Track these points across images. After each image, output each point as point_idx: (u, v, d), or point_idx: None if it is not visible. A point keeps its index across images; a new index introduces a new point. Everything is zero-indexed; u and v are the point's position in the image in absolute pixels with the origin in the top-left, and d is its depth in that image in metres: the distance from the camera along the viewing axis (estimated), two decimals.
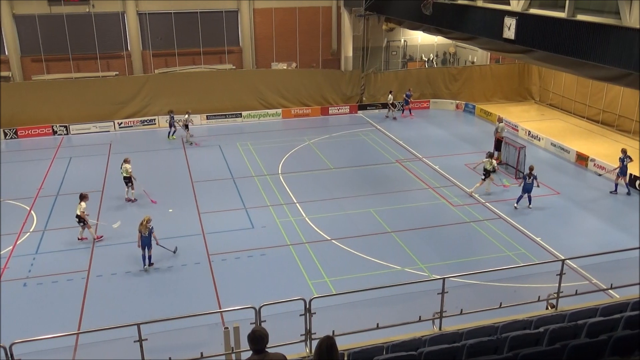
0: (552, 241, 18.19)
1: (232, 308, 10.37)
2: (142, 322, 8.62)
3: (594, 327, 8.18)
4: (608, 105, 29.54)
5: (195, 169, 25.12)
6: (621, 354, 7.00)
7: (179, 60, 34.80)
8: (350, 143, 29.20)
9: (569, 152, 26.16)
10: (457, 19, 21.16)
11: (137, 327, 8.51)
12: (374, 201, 21.57)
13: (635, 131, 27.75)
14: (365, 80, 34.64)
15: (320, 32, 37.00)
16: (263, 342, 5.89)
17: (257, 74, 34.07)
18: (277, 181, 23.63)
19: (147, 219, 16.68)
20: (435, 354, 7.67)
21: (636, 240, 17.32)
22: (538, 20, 16.74)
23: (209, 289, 15.85)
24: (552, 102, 33.93)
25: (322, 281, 16.12)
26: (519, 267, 15.34)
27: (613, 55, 14.05)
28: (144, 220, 16.60)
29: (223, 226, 19.53)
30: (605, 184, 23.23)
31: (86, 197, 18.30)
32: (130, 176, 21.52)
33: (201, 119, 32.19)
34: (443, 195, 22.12)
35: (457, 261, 16.97)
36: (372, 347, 8.72)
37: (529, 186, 20.53)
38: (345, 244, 18.24)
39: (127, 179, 21.58)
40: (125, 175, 21.49)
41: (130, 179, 21.57)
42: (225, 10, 35.34)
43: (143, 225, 16.50)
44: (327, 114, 34.21)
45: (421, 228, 19.42)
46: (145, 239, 16.53)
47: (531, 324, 9.24)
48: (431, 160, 25.98)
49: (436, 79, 35.56)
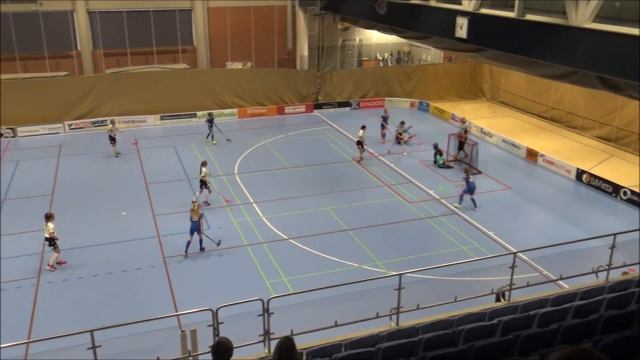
0: (504, 235, 18.64)
1: (189, 311, 10.22)
2: (95, 329, 8.42)
3: (545, 317, 8.42)
4: (557, 102, 30.45)
5: (150, 170, 24.67)
6: (571, 342, 7.21)
7: (131, 59, 34.08)
8: (307, 142, 29.22)
9: (519, 148, 26.85)
10: (411, 19, 21.42)
11: (91, 334, 8.31)
12: (330, 199, 21.64)
13: (583, 127, 28.68)
14: (321, 79, 34.71)
15: (276, 32, 36.87)
16: (227, 355, 5.78)
17: (212, 73, 33.70)
18: (233, 181, 23.44)
19: (198, 204, 17.44)
20: (393, 349, 7.75)
21: (583, 232, 17.91)
22: (489, 20, 17.10)
23: (164, 292, 15.59)
24: (503, 100, 34.75)
25: (280, 281, 16.08)
26: (473, 261, 15.64)
27: (560, 54, 14.47)
28: (194, 206, 17.23)
29: (179, 228, 19.20)
30: (554, 179, 23.95)
31: (52, 216, 16.76)
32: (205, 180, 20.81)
33: (155, 119, 31.64)
34: (399, 193, 22.38)
35: (413, 257, 17.19)
36: (331, 345, 8.76)
37: (472, 186, 20.64)
38: (303, 243, 18.24)
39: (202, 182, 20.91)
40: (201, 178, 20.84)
41: (205, 182, 20.86)
42: (178, 9, 34.79)
43: (195, 210, 17.08)
44: (283, 113, 34.13)
45: (378, 225, 19.60)
46: (195, 224, 17.07)
47: (485, 316, 9.44)
48: (386, 158, 26.24)
49: (391, 78, 35.94)
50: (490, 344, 7.32)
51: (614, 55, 12.78)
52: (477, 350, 7.09)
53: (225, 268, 16.90)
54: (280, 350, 5.75)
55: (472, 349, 7.11)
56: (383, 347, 7.77)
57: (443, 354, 7.14)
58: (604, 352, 3.34)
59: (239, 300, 9.61)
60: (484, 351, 7.08)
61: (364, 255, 17.54)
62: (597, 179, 22.47)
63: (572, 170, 23.70)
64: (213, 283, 15.98)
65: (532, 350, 6.89)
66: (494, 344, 7.36)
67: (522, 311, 9.43)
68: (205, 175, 20.71)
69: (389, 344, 7.92)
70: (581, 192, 22.73)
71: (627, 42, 12.43)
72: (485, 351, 7.09)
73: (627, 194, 21.14)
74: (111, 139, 26.16)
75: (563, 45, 14.26)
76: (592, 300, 9.15)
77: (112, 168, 25.23)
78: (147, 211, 20.63)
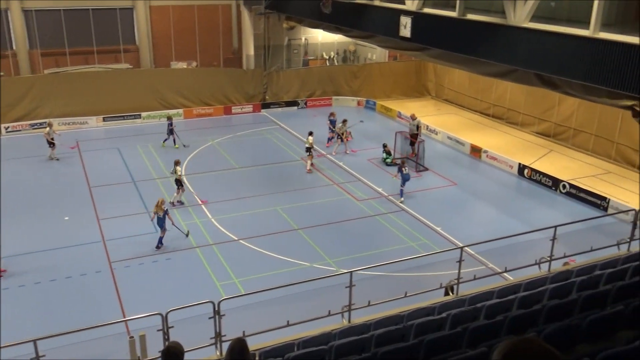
0: (451, 230, 19.05)
1: (138, 316, 10.00)
2: (38, 338, 8.13)
3: (492, 309, 8.66)
4: (498, 99, 31.34)
5: (93, 173, 23.97)
6: (516, 332, 7.44)
7: (71, 59, 33.05)
8: (255, 142, 29.06)
9: (464, 144, 27.51)
10: (356, 18, 21.60)
11: (34, 344, 8.02)
12: (280, 199, 21.60)
13: (523, 123, 29.63)
14: (268, 78, 34.57)
15: (221, 31, 36.49)
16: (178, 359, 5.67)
17: (156, 73, 33.05)
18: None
19: (162, 200, 17.51)
20: (345, 346, 7.81)
21: (525, 225, 18.51)
22: (432, 19, 17.43)
23: (111, 297, 15.19)
24: (447, 98, 35.52)
25: (230, 282, 15.94)
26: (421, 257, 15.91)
27: (500, 53, 14.89)
28: (158, 202, 17.34)
29: (125, 232, 18.79)
30: (498, 174, 24.65)
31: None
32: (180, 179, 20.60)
33: (97, 121, 30.77)
34: (348, 191, 22.55)
35: (363, 254, 17.34)
36: (283, 345, 8.75)
37: (406, 177, 21.34)
38: (253, 244, 18.14)
39: (177, 182, 20.65)
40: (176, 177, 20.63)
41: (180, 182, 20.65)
42: (119, 8, 33.95)
43: (158, 206, 17.22)
44: (230, 113, 33.81)
45: (328, 224, 19.69)
46: (160, 220, 17.20)
47: (435, 310, 9.63)
48: (335, 157, 26.38)
49: (337, 77, 36.16)
50: (440, 338, 7.48)
51: (551, 53, 13.26)
52: (427, 344, 7.23)
53: (175, 271, 16.62)
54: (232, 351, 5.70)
55: (423, 343, 7.24)
56: (335, 344, 7.82)
57: (394, 349, 7.24)
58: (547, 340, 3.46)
59: (189, 303, 9.47)
60: (434, 345, 7.23)
61: (315, 254, 17.59)
62: (538, 174, 23.28)
63: (514, 165, 24.46)
64: (162, 287, 15.68)
65: (480, 342, 7.08)
66: (444, 337, 7.52)
67: (469, 304, 9.67)
68: (180, 174, 20.61)
69: (341, 342, 7.98)
70: (523, 187, 23.48)
71: (562, 41, 12.91)
72: (435, 345, 7.23)
73: (566, 187, 21.97)
74: (49, 143, 25.25)
75: (503, 44, 14.68)
76: (535, 291, 9.47)
77: (53, 172, 24.40)
78: (91, 215, 20.05)
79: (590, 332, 6.91)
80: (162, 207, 17.33)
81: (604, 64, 11.94)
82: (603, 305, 8.01)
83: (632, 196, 20.50)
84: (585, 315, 7.17)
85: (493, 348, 6.35)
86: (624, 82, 11.60)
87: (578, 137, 26.38)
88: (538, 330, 7.02)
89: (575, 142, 26.49)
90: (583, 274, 10.52)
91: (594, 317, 7.03)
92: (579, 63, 12.54)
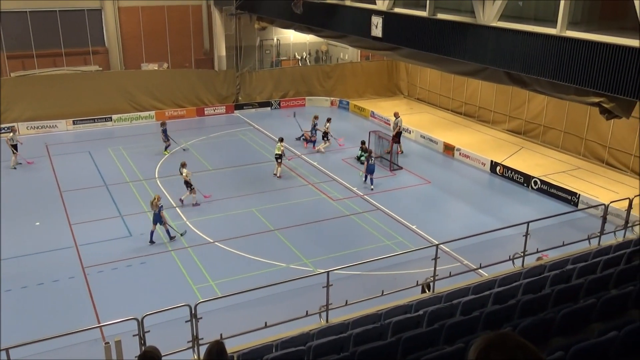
0: (426, 228, 19.22)
1: (113, 321, 9.87)
2: (11, 347, 7.98)
3: (468, 305, 8.76)
4: (469, 97, 31.70)
5: (64, 178, 23.56)
6: (492, 327, 7.54)
7: (38, 62, 32.43)
8: (229, 143, 28.90)
9: (437, 143, 27.77)
10: (327, 18, 21.64)
11: (6, 352, 7.86)
12: (255, 200, 21.52)
13: (494, 121, 30.03)
14: (241, 79, 34.42)
15: (192, 32, 36.20)
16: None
17: (126, 75, 32.62)
18: (154, 186, 22.81)
19: (157, 197, 18.03)
20: (323, 346, 7.82)
21: (499, 222, 18.76)
22: (402, 19, 17.56)
23: (85, 303, 14.95)
24: (419, 97, 35.80)
25: (207, 285, 15.83)
26: (397, 255, 16.02)
27: (470, 51, 15.07)
28: (154, 199, 17.87)
29: (98, 236, 18.52)
30: (471, 172, 24.94)
31: None
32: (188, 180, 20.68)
33: (67, 124, 30.25)
34: (323, 191, 22.58)
35: (340, 254, 17.37)
36: (262, 346, 8.74)
37: (372, 167, 22.23)
38: (229, 246, 18.04)
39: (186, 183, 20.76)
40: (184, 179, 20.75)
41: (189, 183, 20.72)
42: (87, 9, 33.43)
43: (153, 204, 17.76)
44: (203, 114, 33.56)
45: (303, 224, 19.69)
46: (156, 215, 17.83)
47: (412, 308, 9.71)
48: (310, 157, 26.39)
49: (310, 77, 36.17)
50: (417, 335, 7.55)
51: (520, 51, 13.47)
52: (405, 342, 7.28)
53: (150, 275, 16.44)
54: (210, 354, 5.68)
55: (400, 340, 7.30)
56: (314, 345, 7.83)
57: (372, 348, 7.28)
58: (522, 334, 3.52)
59: (165, 307, 9.39)
60: (411, 342, 7.29)
61: (292, 254, 17.57)
62: (510, 171, 23.62)
63: (486, 162, 24.78)
64: (137, 291, 15.49)
65: (457, 338, 7.16)
66: (421, 335, 7.59)
67: (446, 301, 9.78)
68: (187, 176, 20.67)
69: (320, 342, 7.99)
70: (496, 184, 23.80)
71: (530, 40, 13.13)
72: (412, 342, 7.30)
73: (537, 183, 22.35)
74: (13, 148, 24.60)
75: (473, 43, 14.86)
76: (510, 287, 9.62)
77: (23, 177, 23.89)
78: (63, 220, 19.71)
79: (563, 326, 7.05)
80: (157, 204, 17.72)
81: (571, 62, 12.18)
82: (576, 299, 8.18)
83: (601, 191, 20.95)
84: (558, 309, 7.31)
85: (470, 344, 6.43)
86: (590, 79, 11.84)
87: (548, 134, 26.84)
88: (513, 324, 7.13)
89: (545, 139, 26.95)
90: (555, 268, 10.72)
91: (567, 310, 7.17)
92: (547, 61, 12.76)
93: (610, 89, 11.49)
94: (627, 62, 10.99)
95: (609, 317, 7.23)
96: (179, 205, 20.82)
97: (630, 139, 22.77)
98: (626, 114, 12.80)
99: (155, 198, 17.99)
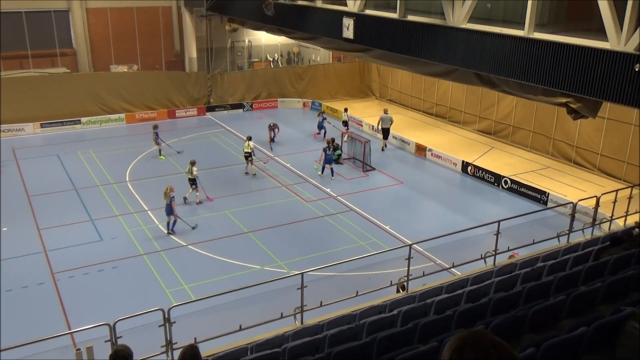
0: (399, 228, 19.34)
1: (84, 327, 9.70)
2: None
3: (441, 304, 8.85)
4: (440, 98, 32.03)
5: (31, 182, 23.10)
6: (465, 325, 7.63)
7: (4, 64, 31.65)
8: (201, 145, 28.67)
9: (409, 143, 27.99)
10: (299, 20, 21.64)
11: None
12: (228, 202, 21.40)
13: (465, 121, 30.39)
14: (212, 81, 34.20)
15: (162, 33, 35.79)
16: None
17: (95, 77, 32.12)
18: (125, 189, 22.52)
19: (170, 188, 18.24)
20: (298, 347, 7.82)
21: (471, 221, 18.99)
22: (373, 21, 17.65)
23: (55, 310, 14.68)
24: (391, 98, 36.04)
25: (180, 289, 15.67)
26: (371, 256, 16.09)
27: (441, 53, 15.23)
28: (167, 190, 18.14)
29: (68, 241, 18.19)
30: (442, 172, 25.20)
31: None
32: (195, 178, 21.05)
33: (34, 127, 29.68)
34: (296, 192, 22.56)
35: (314, 255, 17.38)
36: (237, 349, 8.69)
37: (330, 157, 23.54)
38: (202, 248, 17.90)
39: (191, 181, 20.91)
40: (190, 177, 21.09)
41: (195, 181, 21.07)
42: (54, 10, 32.80)
43: (166, 194, 18.04)
44: (174, 117, 33.24)
45: (277, 226, 19.64)
46: (168, 206, 18.10)
47: (386, 308, 9.76)
48: (282, 159, 26.35)
49: (282, 79, 36.13)
50: (392, 335, 7.59)
51: (489, 53, 13.66)
52: (380, 342, 7.32)
53: (122, 280, 16.21)
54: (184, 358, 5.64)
55: (375, 340, 7.33)
56: (289, 346, 7.82)
57: (348, 349, 7.30)
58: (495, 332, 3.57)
59: (137, 311, 9.27)
60: (386, 342, 7.33)
61: (266, 256, 17.51)
62: (481, 170, 23.93)
63: (458, 163, 25.07)
64: (109, 296, 15.26)
65: (431, 337, 7.22)
66: (395, 334, 7.63)
67: (419, 300, 9.86)
68: (195, 174, 20.88)
69: (295, 343, 7.98)
70: (467, 183, 24.09)
71: (499, 41, 13.33)
72: (387, 342, 7.34)
73: (507, 183, 22.68)
74: None
75: (443, 45, 15.02)
76: (482, 285, 9.74)
77: None
78: (31, 225, 19.32)
79: (535, 322, 7.17)
80: (169, 194, 17.97)
81: (539, 63, 12.41)
82: (546, 296, 8.32)
83: (569, 190, 21.36)
84: (529, 306, 7.43)
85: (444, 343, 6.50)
86: (557, 80, 12.08)
87: (517, 134, 27.26)
88: (486, 322, 7.23)
89: (515, 138, 27.38)
90: (526, 266, 10.90)
91: (538, 307, 7.29)
92: (515, 62, 12.98)
93: (577, 90, 11.74)
94: (593, 63, 11.24)
95: (578, 313, 7.37)
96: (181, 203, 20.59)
97: (597, 139, 23.28)
98: (593, 114, 13.08)
99: (168, 188, 18.20)
